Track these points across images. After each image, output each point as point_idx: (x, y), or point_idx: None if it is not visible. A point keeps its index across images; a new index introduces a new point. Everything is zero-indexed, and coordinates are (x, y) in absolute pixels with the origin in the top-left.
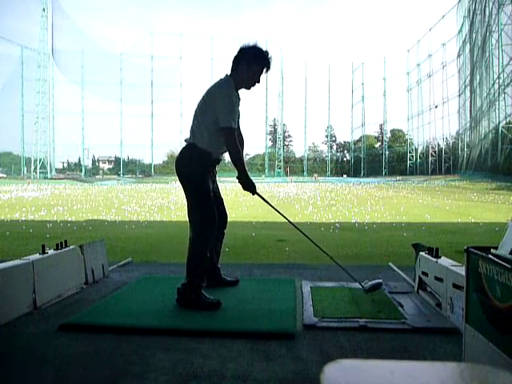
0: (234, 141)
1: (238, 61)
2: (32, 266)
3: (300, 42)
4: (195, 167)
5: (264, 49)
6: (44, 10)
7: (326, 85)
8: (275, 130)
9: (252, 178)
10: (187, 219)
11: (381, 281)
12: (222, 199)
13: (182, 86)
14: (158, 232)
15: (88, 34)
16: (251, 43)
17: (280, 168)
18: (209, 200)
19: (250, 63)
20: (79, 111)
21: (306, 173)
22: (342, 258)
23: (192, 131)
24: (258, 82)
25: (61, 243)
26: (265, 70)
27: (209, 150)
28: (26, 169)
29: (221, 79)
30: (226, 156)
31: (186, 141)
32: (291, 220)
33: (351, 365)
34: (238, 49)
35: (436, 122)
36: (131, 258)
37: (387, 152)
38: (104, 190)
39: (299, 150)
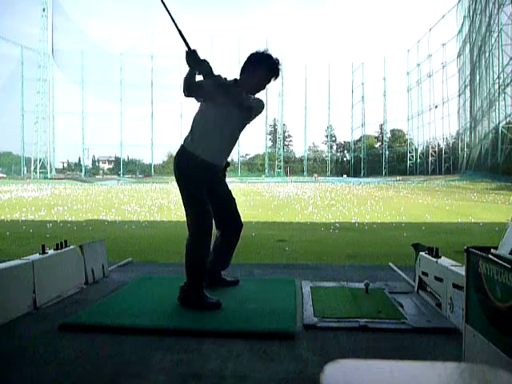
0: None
1: (244, 66)
2: (32, 266)
3: (300, 42)
4: (184, 172)
5: (274, 56)
6: (44, 10)
7: (325, 85)
8: (275, 130)
9: (252, 178)
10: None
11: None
12: (231, 200)
13: (181, 86)
14: (157, 232)
15: (88, 33)
16: (261, 50)
17: (280, 168)
18: (198, 204)
19: (255, 69)
20: (79, 111)
21: (306, 173)
22: (342, 258)
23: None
24: (263, 88)
25: (61, 243)
26: (273, 79)
27: (196, 152)
28: (26, 169)
29: None
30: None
31: None
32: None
33: (351, 365)
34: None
35: (436, 122)
36: (131, 258)
37: (387, 152)
38: (104, 190)
39: (299, 149)
